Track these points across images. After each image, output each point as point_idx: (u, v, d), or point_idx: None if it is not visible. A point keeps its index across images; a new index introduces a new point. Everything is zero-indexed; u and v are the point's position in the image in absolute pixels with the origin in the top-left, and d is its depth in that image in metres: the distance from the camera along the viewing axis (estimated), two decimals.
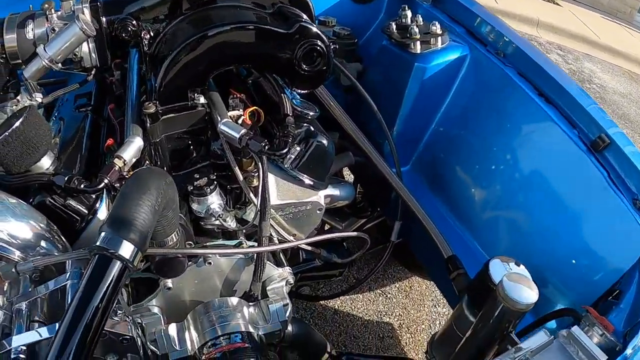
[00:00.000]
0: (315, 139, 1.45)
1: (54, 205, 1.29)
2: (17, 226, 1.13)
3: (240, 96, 1.50)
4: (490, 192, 1.73)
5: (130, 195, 1.00)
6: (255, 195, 1.38)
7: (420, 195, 1.78)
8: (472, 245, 1.72)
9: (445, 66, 1.75)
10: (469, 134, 1.78)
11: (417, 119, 1.82)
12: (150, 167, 1.16)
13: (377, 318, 2.14)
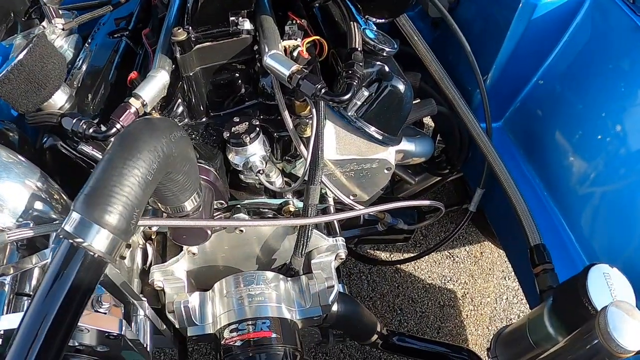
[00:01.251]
0: (389, 82, 0.95)
1: (66, 150, 0.92)
2: (9, 187, 0.78)
3: (301, 22, 1.01)
4: (592, 169, 1.15)
5: (112, 162, 0.59)
6: (307, 148, 0.93)
7: (509, 159, 1.24)
8: (564, 233, 1.17)
9: (559, 6, 1.13)
10: (576, 94, 1.18)
11: (517, 68, 1.23)
12: (150, 119, 0.73)
13: (440, 283, 1.69)
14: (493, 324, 1.59)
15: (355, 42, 0.93)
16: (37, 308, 0.56)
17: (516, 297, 1.63)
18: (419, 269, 1.68)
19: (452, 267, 1.68)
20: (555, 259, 1.06)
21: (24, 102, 0.88)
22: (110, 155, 0.60)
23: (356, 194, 1.10)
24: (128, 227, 0.58)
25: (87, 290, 0.59)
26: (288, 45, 0.95)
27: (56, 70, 0.90)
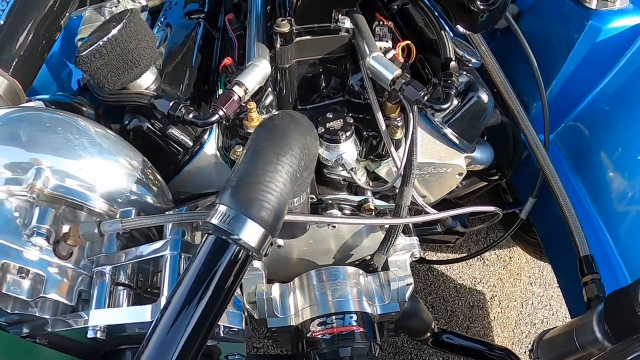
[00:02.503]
0: (476, 94, 0.97)
1: (153, 133, 0.91)
2: (102, 165, 0.75)
3: (388, 23, 1.02)
4: (632, 186, 1.20)
5: (265, 157, 0.59)
6: (397, 150, 0.94)
7: (559, 171, 1.28)
8: (607, 245, 1.22)
9: (621, 32, 1.18)
10: (624, 115, 1.23)
11: (575, 85, 1.27)
12: (290, 113, 0.72)
13: (470, 284, 1.73)
14: (518, 327, 1.65)
15: (449, 52, 0.95)
16: (181, 304, 0.55)
17: (541, 302, 1.70)
18: (451, 270, 1.73)
19: (482, 270, 1.73)
20: (599, 268, 1.11)
21: (113, 79, 0.86)
22: (260, 149, 0.60)
23: (425, 195, 1.13)
24: (278, 223, 0.58)
25: (233, 286, 0.58)
26: (380, 47, 0.97)
27: (149, 49, 0.88)
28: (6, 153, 0.70)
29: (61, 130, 0.72)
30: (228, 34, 1.09)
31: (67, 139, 0.72)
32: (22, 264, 0.66)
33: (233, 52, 1.05)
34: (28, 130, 0.71)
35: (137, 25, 0.86)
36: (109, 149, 0.76)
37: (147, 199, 0.78)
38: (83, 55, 0.83)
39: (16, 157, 0.70)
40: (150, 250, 0.70)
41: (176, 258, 0.67)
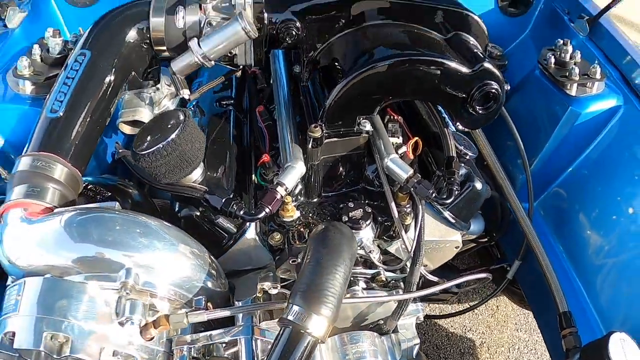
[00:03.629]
0: (473, 183, 1.29)
1: (202, 221, 1.19)
2: (174, 259, 0.99)
3: (399, 119, 1.34)
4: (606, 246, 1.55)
5: (325, 268, 0.87)
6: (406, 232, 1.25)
7: (541, 235, 1.62)
8: (583, 301, 1.57)
9: (598, 114, 1.53)
10: (600, 183, 1.58)
11: (557, 159, 1.62)
12: (339, 227, 1.00)
13: (461, 332, 2.05)
14: None
15: (451, 150, 1.27)
16: None
17: (527, 347, 2.03)
18: (443, 319, 2.03)
19: (471, 318, 2.04)
20: (576, 322, 1.44)
21: (169, 176, 1.11)
22: (321, 262, 0.89)
23: (427, 264, 1.44)
24: (337, 314, 0.87)
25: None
26: (393, 142, 1.28)
27: (201, 149, 1.15)
28: (94, 253, 0.93)
29: (139, 232, 0.96)
30: (258, 123, 1.38)
31: (145, 237, 0.96)
32: (116, 347, 0.89)
33: (264, 142, 1.34)
34: (112, 233, 0.94)
35: (192, 128, 1.12)
36: (177, 244, 1.00)
37: (209, 284, 1.02)
38: (145, 155, 1.09)
39: (104, 256, 0.93)
40: (229, 336, 0.96)
41: (249, 341, 0.93)
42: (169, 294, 0.97)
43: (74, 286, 0.90)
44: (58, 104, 1.11)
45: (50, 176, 1.02)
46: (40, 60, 1.41)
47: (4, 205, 1.00)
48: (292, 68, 1.42)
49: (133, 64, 1.27)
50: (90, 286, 0.90)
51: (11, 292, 0.90)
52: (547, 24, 1.86)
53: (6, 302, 0.90)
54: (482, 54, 1.24)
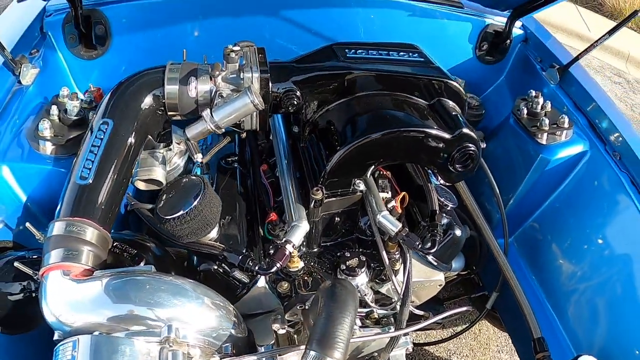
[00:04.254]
0: (453, 232, 1.56)
1: (219, 274, 1.42)
2: (202, 311, 1.20)
3: (387, 175, 1.61)
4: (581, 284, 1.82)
5: (335, 319, 1.12)
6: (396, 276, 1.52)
7: (516, 268, 1.91)
8: (555, 326, 1.86)
9: (566, 159, 1.82)
10: (571, 218, 1.87)
11: (530, 199, 1.90)
12: (343, 283, 1.26)
13: (446, 356, 2.33)
14: None
15: (434, 205, 1.53)
16: None
17: None
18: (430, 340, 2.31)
19: (456, 342, 2.31)
20: (550, 345, 1.72)
21: (191, 236, 1.34)
22: (332, 314, 1.13)
23: (414, 300, 1.71)
24: (346, 356, 1.13)
25: None
26: (383, 197, 1.54)
27: (217, 212, 1.38)
28: (135, 313, 1.13)
29: (172, 292, 1.16)
30: (261, 179, 1.64)
31: (178, 296, 1.16)
32: None
33: (268, 198, 1.59)
34: (149, 294, 1.14)
35: (210, 194, 1.36)
36: (203, 298, 1.20)
37: (233, 331, 1.22)
38: (170, 219, 1.33)
39: (144, 315, 1.13)
40: None
41: None
42: (201, 343, 1.18)
43: (122, 342, 1.10)
44: (87, 171, 1.30)
45: (84, 239, 1.21)
46: (59, 121, 1.61)
47: (44, 268, 1.18)
48: (290, 127, 1.67)
49: (149, 128, 1.46)
50: (136, 341, 1.11)
51: (65, 347, 1.09)
52: (521, 71, 2.15)
53: (61, 356, 1.08)
54: (461, 117, 1.50)
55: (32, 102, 1.71)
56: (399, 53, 1.62)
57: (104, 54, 1.95)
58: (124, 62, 1.97)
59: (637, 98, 5.16)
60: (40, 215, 1.56)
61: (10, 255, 1.39)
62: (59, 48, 1.89)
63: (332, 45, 1.63)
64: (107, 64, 1.95)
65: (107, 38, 1.93)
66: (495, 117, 2.10)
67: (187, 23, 1.95)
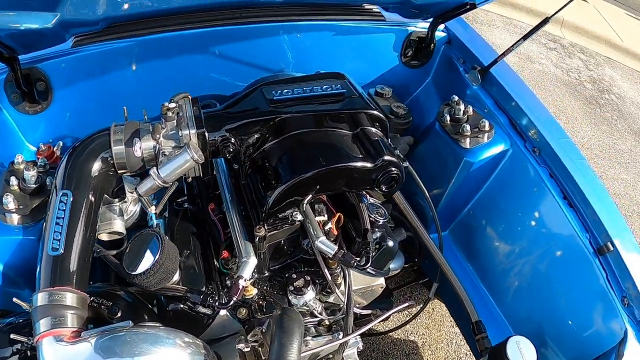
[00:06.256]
0: (385, 243, 1.91)
1: (185, 311, 1.74)
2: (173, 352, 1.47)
3: (322, 198, 1.92)
4: (511, 268, 2.22)
5: (282, 342, 1.45)
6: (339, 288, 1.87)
7: (453, 259, 2.28)
8: (493, 309, 2.26)
9: (489, 158, 2.17)
10: (499, 215, 2.25)
11: (459, 196, 2.27)
12: (289, 313, 1.57)
13: (404, 336, 2.72)
14: None
15: (366, 224, 1.86)
16: None
17: (463, 340, 2.71)
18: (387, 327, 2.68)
19: (412, 323, 2.70)
20: (489, 327, 2.11)
21: (157, 285, 1.61)
22: (283, 342, 1.46)
23: (362, 302, 2.07)
24: None
25: None
26: (319, 220, 1.87)
27: (177, 259, 1.68)
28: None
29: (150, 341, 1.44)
30: (211, 217, 1.94)
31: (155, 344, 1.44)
32: None
33: (219, 234, 1.91)
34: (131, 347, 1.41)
35: (168, 246, 1.66)
36: (176, 340, 1.48)
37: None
38: (136, 275, 1.62)
39: None
40: None
41: None
42: None
43: None
44: (56, 242, 1.54)
45: (66, 304, 1.47)
46: (20, 190, 1.86)
47: (37, 336, 1.43)
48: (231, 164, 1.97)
49: (104, 188, 1.72)
50: None
51: None
52: (446, 71, 2.47)
53: None
54: (382, 144, 1.81)
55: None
56: (323, 87, 1.91)
57: (48, 107, 2.17)
58: (68, 111, 2.21)
59: (572, 62, 5.55)
60: (18, 280, 1.83)
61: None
62: (4, 107, 2.11)
63: (260, 86, 1.90)
64: (52, 116, 2.19)
65: (49, 92, 2.15)
66: (426, 117, 2.43)
67: (123, 69, 2.19)
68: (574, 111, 5.00)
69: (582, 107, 5.08)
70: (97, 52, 2.12)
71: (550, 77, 5.27)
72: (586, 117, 4.98)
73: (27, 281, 1.87)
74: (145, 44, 2.18)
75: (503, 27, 5.98)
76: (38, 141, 2.19)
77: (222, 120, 1.79)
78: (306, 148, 1.79)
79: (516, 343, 1.81)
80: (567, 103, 5.05)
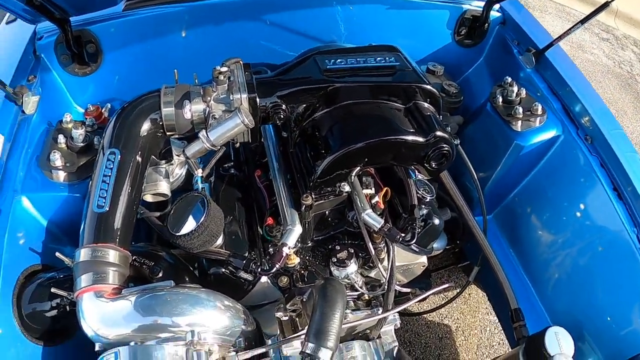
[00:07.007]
0: (431, 220, 1.90)
1: (226, 275, 1.76)
2: (217, 314, 1.51)
3: (370, 172, 1.93)
4: (553, 258, 2.19)
5: (325, 312, 1.46)
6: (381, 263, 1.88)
7: (496, 244, 2.27)
8: (532, 298, 2.23)
9: (540, 144, 2.14)
10: (544, 203, 2.22)
11: (505, 181, 2.24)
12: (332, 283, 1.59)
13: (438, 320, 2.72)
14: (479, 350, 2.66)
15: (414, 199, 1.86)
16: None
17: (497, 328, 2.71)
18: (421, 309, 2.69)
19: (447, 307, 2.70)
20: (527, 316, 2.09)
21: (200, 248, 1.64)
22: (324, 311, 1.48)
23: (402, 280, 2.08)
24: (337, 344, 1.48)
25: None
26: (367, 193, 1.88)
27: (222, 223, 1.69)
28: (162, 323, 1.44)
29: (190, 302, 1.48)
30: (257, 184, 1.97)
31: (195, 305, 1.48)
32: None
33: (264, 201, 1.93)
34: (171, 306, 1.45)
35: (214, 209, 1.67)
36: (216, 303, 1.52)
37: (243, 327, 1.56)
38: (181, 236, 1.65)
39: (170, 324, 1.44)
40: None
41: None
42: (218, 341, 1.51)
43: (154, 349, 1.42)
44: (102, 200, 1.58)
45: (108, 262, 1.51)
46: (67, 148, 1.90)
47: (78, 291, 1.47)
48: (279, 132, 1.99)
49: (152, 149, 1.75)
50: (165, 346, 1.43)
51: (108, 358, 1.41)
52: (499, 52, 2.43)
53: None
54: (435, 119, 1.80)
55: (38, 130, 1.99)
56: (376, 59, 1.90)
57: (97, 69, 2.22)
58: (117, 74, 2.25)
59: (625, 54, 5.40)
60: (61, 236, 1.88)
61: (41, 277, 1.73)
62: (54, 69, 2.16)
63: (313, 54, 1.90)
64: (101, 78, 2.23)
65: (99, 54, 2.20)
66: (476, 98, 2.40)
67: (173, 34, 2.22)
68: (624, 105, 4.88)
69: (633, 101, 4.95)
70: (147, 16, 2.15)
71: (601, 68, 5.14)
72: (637, 112, 4.86)
73: (70, 238, 1.92)
74: (196, 9, 2.20)
75: (555, 14, 5.85)
76: (86, 103, 2.24)
77: (274, 86, 1.79)
78: (357, 119, 1.78)
79: (555, 334, 1.79)
80: (617, 96, 4.93)
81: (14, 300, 1.65)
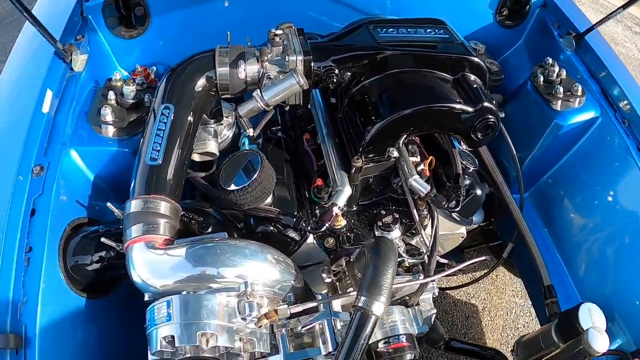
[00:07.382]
0: (474, 191, 1.95)
1: (274, 233, 1.81)
2: (269, 267, 1.54)
3: (416, 141, 1.98)
4: (585, 241, 2.23)
5: (378, 266, 1.50)
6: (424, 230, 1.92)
7: (530, 222, 2.31)
8: (564, 275, 2.28)
9: (579, 124, 2.19)
10: (578, 185, 2.27)
11: (544, 159, 2.28)
12: (385, 240, 1.63)
13: (465, 299, 2.77)
14: (505, 332, 2.71)
15: (458, 168, 1.91)
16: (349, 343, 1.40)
17: (522, 311, 2.76)
18: (451, 285, 2.75)
19: (474, 286, 2.75)
20: (559, 293, 2.14)
21: (251, 204, 1.69)
22: (377, 265, 1.52)
23: (440, 250, 2.13)
24: (390, 299, 1.53)
25: (369, 337, 1.43)
26: (413, 161, 1.92)
27: (273, 181, 1.74)
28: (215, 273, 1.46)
29: (242, 254, 1.51)
30: (304, 147, 2.02)
31: (247, 257, 1.51)
32: (241, 335, 1.45)
33: (312, 164, 1.98)
34: (223, 257, 1.48)
35: (267, 165, 1.72)
36: (268, 256, 1.55)
37: (292, 282, 1.59)
38: (234, 191, 1.70)
39: (222, 275, 1.47)
40: (313, 319, 1.56)
41: (330, 321, 1.54)
42: (268, 294, 1.55)
43: (206, 297, 1.44)
44: (155, 152, 1.61)
45: (160, 213, 1.53)
46: (117, 104, 1.95)
47: (128, 241, 1.49)
48: (327, 98, 2.04)
49: (205, 107, 1.79)
50: (218, 296, 1.46)
51: (160, 306, 1.43)
52: (539, 35, 2.48)
53: (157, 314, 1.43)
54: (482, 91, 1.86)
55: (86, 87, 2.03)
56: (426, 30, 1.95)
57: (144, 32, 2.25)
58: (163, 38, 2.30)
59: None
60: (108, 191, 1.93)
61: (84, 230, 1.77)
62: (101, 30, 2.20)
63: (366, 23, 1.95)
64: (147, 42, 2.27)
65: (147, 17, 2.23)
66: (514, 79, 2.45)
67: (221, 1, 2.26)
68: None
69: None
70: None
71: (634, 62, 5.16)
72: None
73: (116, 193, 1.95)
74: None
75: (589, 5, 5.86)
76: (130, 66, 2.28)
77: (328, 50, 1.85)
78: (407, 87, 1.83)
79: (588, 309, 1.82)
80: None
81: (60, 252, 1.68)
